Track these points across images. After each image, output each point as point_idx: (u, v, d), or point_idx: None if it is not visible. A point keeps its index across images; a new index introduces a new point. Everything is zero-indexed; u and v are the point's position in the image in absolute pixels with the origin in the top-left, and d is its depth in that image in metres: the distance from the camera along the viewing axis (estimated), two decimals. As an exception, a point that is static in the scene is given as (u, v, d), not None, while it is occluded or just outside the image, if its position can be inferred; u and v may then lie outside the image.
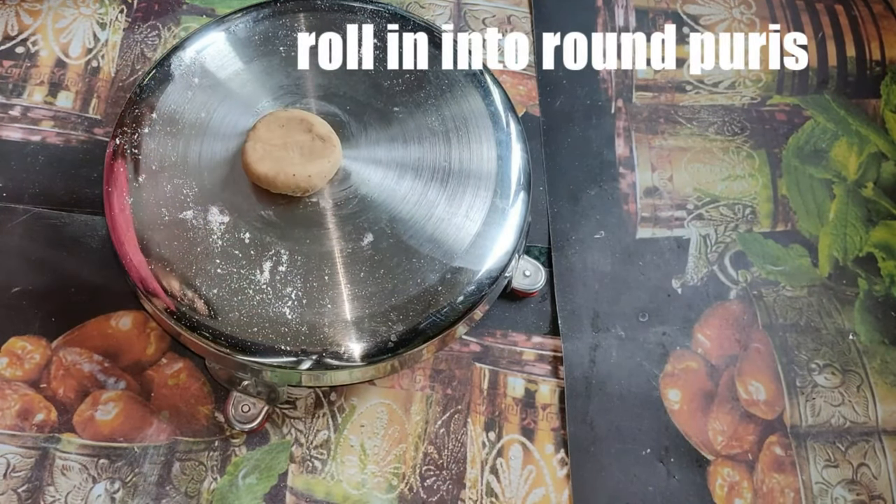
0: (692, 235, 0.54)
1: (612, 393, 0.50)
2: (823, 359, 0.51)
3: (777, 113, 0.59)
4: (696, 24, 0.62)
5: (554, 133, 0.57)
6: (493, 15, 0.61)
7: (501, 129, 0.50)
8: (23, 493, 0.46)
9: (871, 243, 0.54)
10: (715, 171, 0.57)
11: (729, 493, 0.47)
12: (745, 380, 0.50)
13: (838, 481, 0.48)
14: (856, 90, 0.60)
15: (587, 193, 0.55)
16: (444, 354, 0.50)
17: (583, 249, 0.53)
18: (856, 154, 0.57)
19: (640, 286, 0.53)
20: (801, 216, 0.55)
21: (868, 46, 0.61)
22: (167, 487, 0.46)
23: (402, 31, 0.51)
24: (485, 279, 0.46)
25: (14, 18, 0.59)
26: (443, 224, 0.46)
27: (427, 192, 0.47)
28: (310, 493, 0.46)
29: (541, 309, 0.52)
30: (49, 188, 0.53)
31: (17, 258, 0.51)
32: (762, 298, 0.53)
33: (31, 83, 0.57)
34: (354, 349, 0.44)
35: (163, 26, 0.59)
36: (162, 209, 0.46)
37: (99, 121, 0.56)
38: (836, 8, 0.63)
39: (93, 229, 0.51)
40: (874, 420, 0.49)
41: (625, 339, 0.51)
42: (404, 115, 0.49)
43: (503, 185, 0.48)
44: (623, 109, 0.58)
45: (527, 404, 0.49)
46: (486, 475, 0.47)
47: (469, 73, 0.51)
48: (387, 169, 0.48)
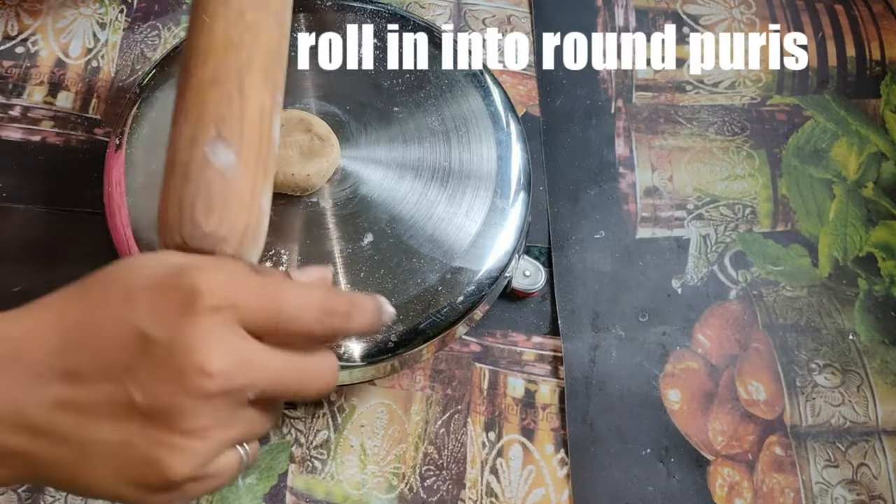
0: (692, 235, 0.54)
1: (612, 393, 0.50)
2: (823, 359, 0.51)
3: (777, 113, 0.59)
4: (696, 24, 0.62)
5: (554, 133, 0.57)
6: (493, 15, 0.61)
7: (502, 129, 0.50)
8: (23, 493, 0.46)
9: (871, 243, 0.54)
10: (715, 171, 0.57)
11: (729, 493, 0.47)
12: (745, 380, 0.50)
13: (838, 481, 0.48)
14: (856, 90, 0.60)
15: (587, 193, 0.55)
16: (444, 354, 0.50)
17: (583, 249, 0.53)
18: (856, 154, 0.57)
19: (640, 286, 0.53)
20: (801, 216, 0.55)
21: (868, 46, 0.61)
22: (167, 487, 0.46)
23: (402, 31, 0.51)
24: (485, 279, 0.46)
25: (14, 18, 0.59)
26: (443, 224, 0.46)
27: (427, 192, 0.47)
28: (310, 493, 0.46)
29: (541, 309, 0.52)
30: (49, 188, 0.53)
31: (18, 258, 0.51)
32: (762, 298, 0.53)
33: (30, 83, 0.57)
34: (354, 349, 0.44)
35: (163, 26, 0.59)
36: (162, 209, 0.46)
37: (99, 121, 0.56)
38: (836, 8, 0.63)
39: (93, 229, 0.51)
40: (874, 420, 0.49)
41: (625, 339, 0.51)
42: (404, 115, 0.49)
43: (503, 185, 0.48)
44: (623, 109, 0.58)
45: (527, 404, 0.49)
46: (486, 475, 0.47)
47: (469, 73, 0.51)
48: (387, 169, 0.48)
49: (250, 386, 0.29)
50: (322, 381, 0.32)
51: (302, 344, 0.32)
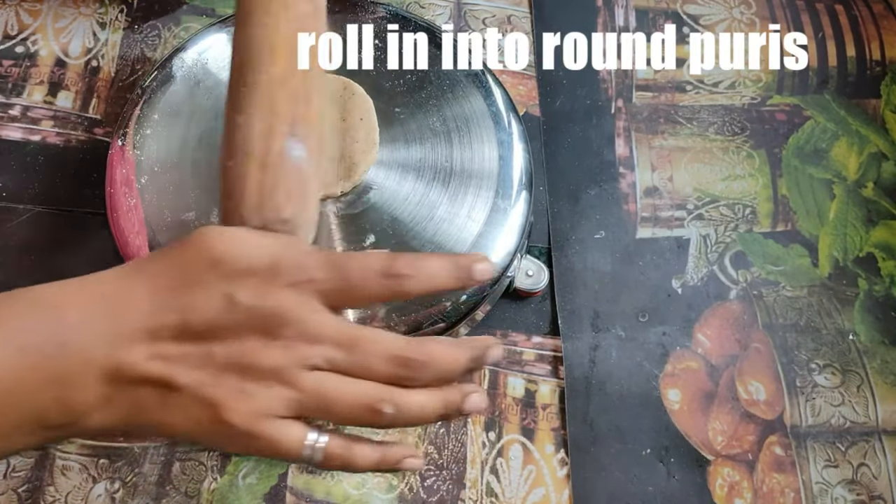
0: (692, 235, 0.54)
1: (612, 393, 0.50)
2: (823, 359, 0.51)
3: (777, 113, 0.59)
4: (696, 24, 0.62)
5: (554, 133, 0.57)
6: (493, 15, 0.61)
7: (503, 129, 0.50)
8: (23, 493, 0.46)
9: (871, 243, 0.55)
10: (715, 171, 0.57)
11: (729, 493, 0.47)
12: (745, 380, 0.50)
13: (838, 481, 0.48)
14: (856, 90, 0.60)
15: (587, 193, 0.55)
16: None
17: (583, 249, 0.53)
18: (856, 154, 0.57)
19: (640, 286, 0.53)
20: (801, 216, 0.55)
21: (868, 46, 0.61)
22: (167, 487, 0.46)
23: (402, 31, 0.51)
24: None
25: (14, 18, 0.59)
26: (445, 224, 0.46)
27: (429, 192, 0.47)
28: (310, 493, 0.46)
29: (541, 309, 0.52)
30: (49, 188, 0.53)
31: (18, 258, 0.51)
32: (762, 298, 0.53)
33: (30, 83, 0.57)
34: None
35: (163, 26, 0.59)
36: (164, 210, 0.46)
37: (99, 121, 0.56)
38: (836, 8, 0.63)
39: (93, 229, 0.51)
40: (874, 420, 0.49)
41: (625, 339, 0.51)
42: (405, 116, 0.49)
43: (505, 185, 0.48)
44: (623, 109, 0.58)
45: (527, 404, 0.49)
46: (486, 475, 0.47)
47: (470, 73, 0.51)
48: (388, 170, 0.48)
49: (317, 353, 0.33)
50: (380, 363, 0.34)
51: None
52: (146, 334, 0.32)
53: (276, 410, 0.33)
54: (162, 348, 0.32)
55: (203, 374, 0.32)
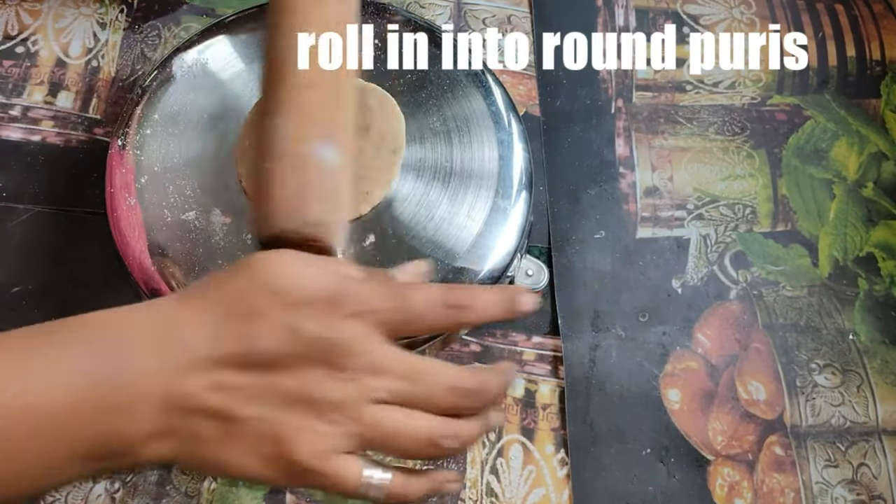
0: (692, 235, 0.54)
1: (612, 393, 0.50)
2: (823, 359, 0.51)
3: (777, 113, 0.59)
4: (696, 24, 0.62)
5: (554, 133, 0.57)
6: (493, 15, 0.61)
7: (503, 129, 0.50)
8: (23, 494, 0.46)
9: (871, 243, 0.55)
10: (715, 170, 0.57)
11: (729, 493, 0.47)
12: (745, 380, 0.50)
13: (838, 481, 0.48)
14: (856, 90, 0.60)
15: (587, 193, 0.55)
16: (444, 354, 0.50)
17: (583, 249, 0.53)
18: (856, 154, 0.57)
19: (640, 286, 0.53)
20: (801, 216, 0.55)
21: (868, 46, 0.61)
22: (167, 487, 0.46)
23: (402, 30, 0.51)
24: (487, 279, 0.46)
25: (14, 18, 0.59)
26: (445, 224, 0.46)
27: (429, 192, 0.47)
28: (310, 492, 0.46)
29: (541, 309, 0.52)
30: (49, 188, 0.53)
31: (18, 258, 0.51)
32: (762, 298, 0.53)
33: (31, 83, 0.57)
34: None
35: (163, 26, 0.59)
36: (164, 210, 0.46)
37: (99, 121, 0.56)
38: (836, 8, 0.63)
39: (94, 229, 0.51)
40: (874, 420, 0.49)
41: (625, 339, 0.51)
42: (405, 116, 0.49)
43: (505, 184, 0.48)
44: (623, 109, 0.58)
45: (527, 404, 0.49)
46: (486, 475, 0.47)
47: (470, 73, 0.51)
48: (388, 169, 0.48)
49: (382, 385, 0.32)
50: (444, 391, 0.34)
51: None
52: (206, 363, 0.31)
53: (340, 446, 0.32)
54: (222, 378, 0.31)
55: (265, 408, 0.31)
